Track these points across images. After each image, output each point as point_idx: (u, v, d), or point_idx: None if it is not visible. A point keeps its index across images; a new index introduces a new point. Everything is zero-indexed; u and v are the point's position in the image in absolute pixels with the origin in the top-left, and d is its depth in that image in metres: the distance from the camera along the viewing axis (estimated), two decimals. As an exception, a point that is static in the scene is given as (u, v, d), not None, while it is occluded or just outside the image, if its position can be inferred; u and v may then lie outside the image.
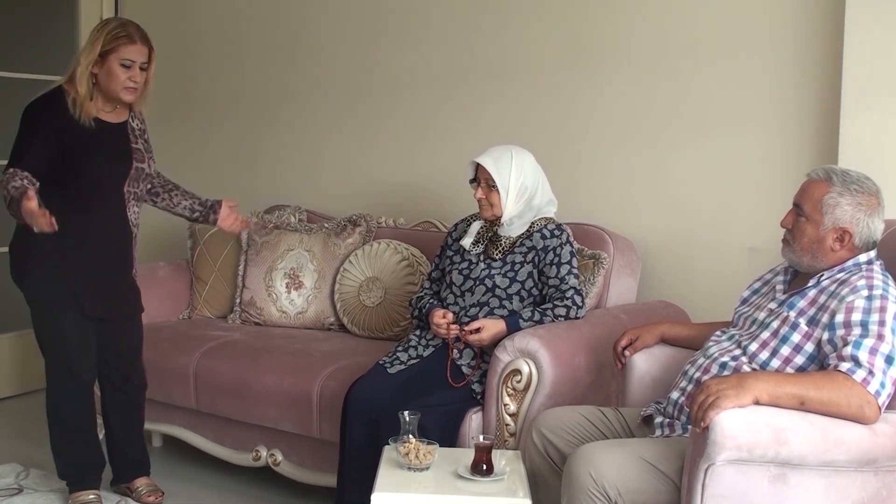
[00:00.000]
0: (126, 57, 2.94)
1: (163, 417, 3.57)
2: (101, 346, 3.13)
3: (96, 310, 3.04)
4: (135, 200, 3.10)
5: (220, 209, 3.27)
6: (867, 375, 2.00)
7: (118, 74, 2.95)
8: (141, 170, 3.08)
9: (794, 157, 3.20)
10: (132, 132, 3.10)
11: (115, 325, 3.13)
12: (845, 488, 2.00)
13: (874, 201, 2.22)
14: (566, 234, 3.00)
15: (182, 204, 3.27)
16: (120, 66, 2.94)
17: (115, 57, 2.94)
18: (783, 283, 2.36)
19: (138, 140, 3.11)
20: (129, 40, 2.94)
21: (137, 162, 3.07)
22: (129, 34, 2.95)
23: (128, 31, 2.96)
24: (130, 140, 3.08)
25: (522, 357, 2.74)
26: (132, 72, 2.96)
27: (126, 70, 2.95)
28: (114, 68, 2.94)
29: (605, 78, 3.57)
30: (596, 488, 2.07)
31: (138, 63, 2.97)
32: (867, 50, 2.96)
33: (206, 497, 3.39)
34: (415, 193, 4.05)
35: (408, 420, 2.46)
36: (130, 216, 3.08)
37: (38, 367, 3.09)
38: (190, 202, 3.28)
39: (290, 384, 3.19)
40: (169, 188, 3.28)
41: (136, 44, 2.95)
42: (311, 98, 4.35)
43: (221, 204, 3.28)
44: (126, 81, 2.96)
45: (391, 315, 3.62)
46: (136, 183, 3.08)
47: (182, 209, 3.28)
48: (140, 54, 2.97)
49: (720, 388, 1.95)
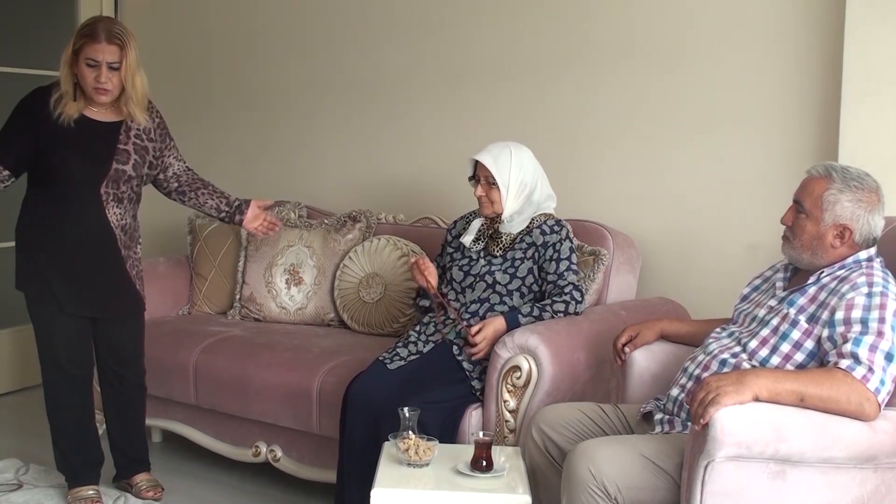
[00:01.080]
0: (90, 56, 2.84)
1: (162, 413, 3.57)
2: (98, 344, 3.14)
3: (78, 308, 3.01)
4: (115, 202, 2.99)
5: (248, 210, 3.20)
6: (867, 372, 2.00)
7: (86, 75, 2.86)
8: (122, 171, 2.97)
9: (795, 153, 3.20)
10: (125, 132, 3.00)
11: (110, 323, 3.12)
12: (844, 485, 2.01)
13: (874, 198, 2.22)
14: (566, 230, 3.00)
15: (209, 203, 3.20)
16: (86, 66, 2.85)
17: (82, 56, 2.85)
18: (783, 280, 2.36)
19: (130, 141, 3.01)
20: (93, 39, 2.83)
21: (118, 164, 2.96)
22: (92, 33, 2.84)
23: (93, 29, 2.85)
24: (119, 140, 2.99)
25: (522, 353, 2.74)
26: (98, 71, 2.85)
27: (92, 69, 2.85)
28: (82, 68, 2.86)
29: (605, 74, 3.57)
30: (595, 485, 2.07)
31: (104, 62, 2.85)
32: (868, 46, 2.96)
33: (206, 492, 3.39)
34: (415, 189, 4.05)
35: (407, 416, 2.46)
36: (111, 217, 2.98)
37: (37, 363, 3.11)
38: (216, 201, 3.20)
39: (290, 380, 3.19)
40: (196, 186, 3.20)
41: (99, 42, 2.83)
42: (311, 95, 4.35)
43: (250, 204, 3.21)
44: (93, 82, 2.86)
45: (391, 311, 3.62)
46: (117, 184, 2.97)
47: (209, 208, 3.21)
48: (105, 53, 2.84)
49: (720, 384, 1.95)
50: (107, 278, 3.05)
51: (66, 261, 2.97)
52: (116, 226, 3.01)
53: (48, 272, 2.96)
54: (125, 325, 3.16)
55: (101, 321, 3.10)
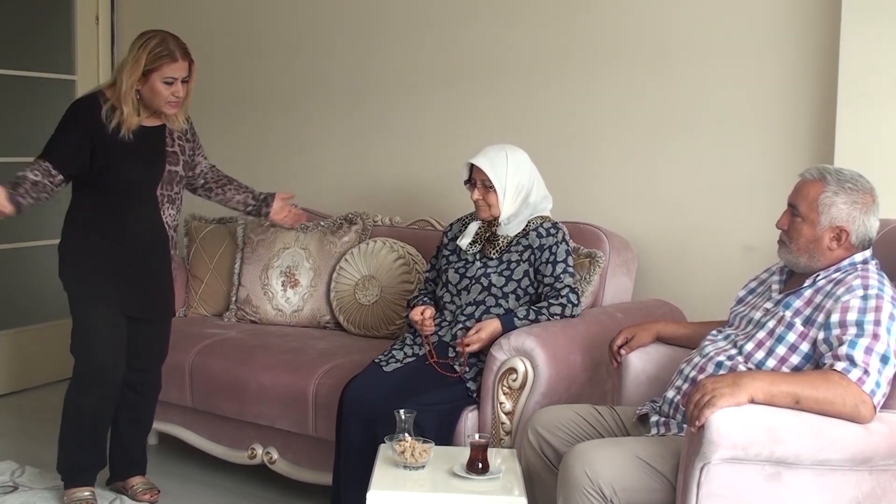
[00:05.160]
0: (169, 75, 2.96)
1: (158, 415, 3.55)
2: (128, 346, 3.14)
3: (131, 307, 3.07)
4: (169, 203, 3.11)
5: (273, 202, 3.29)
6: (862, 375, 2.01)
7: (161, 92, 2.97)
8: (174, 173, 3.10)
9: (791, 155, 3.21)
10: (170, 135, 3.11)
11: (145, 325, 3.14)
12: (840, 487, 2.01)
13: (869, 199, 2.22)
14: (562, 233, 3.00)
15: (235, 198, 3.30)
16: (163, 84, 2.96)
17: (157, 75, 2.95)
18: (779, 283, 2.37)
19: (175, 143, 3.12)
20: (172, 59, 2.96)
21: (171, 165, 3.09)
22: (170, 52, 2.96)
23: (169, 48, 2.96)
24: (167, 144, 3.10)
25: (518, 355, 2.74)
26: (175, 87, 2.98)
27: (169, 87, 2.97)
28: (157, 86, 2.96)
29: (602, 76, 3.58)
30: (591, 487, 2.07)
31: (180, 78, 2.98)
32: (863, 49, 2.96)
33: (202, 495, 3.38)
34: (411, 192, 4.05)
35: (403, 418, 2.46)
36: (165, 218, 3.10)
37: (35, 365, 3.10)
38: (243, 196, 3.31)
39: (286, 382, 3.18)
40: (222, 183, 3.31)
41: (178, 62, 2.96)
42: (307, 97, 4.35)
43: (275, 197, 3.30)
44: (169, 97, 2.98)
45: (387, 313, 3.62)
46: (170, 186, 3.10)
47: (236, 203, 3.31)
48: (182, 70, 2.98)
49: (716, 386, 1.95)
50: (157, 279, 3.16)
51: (120, 262, 3.03)
52: (170, 226, 3.13)
53: (99, 272, 3.02)
54: (157, 328, 3.21)
55: (139, 322, 3.12)
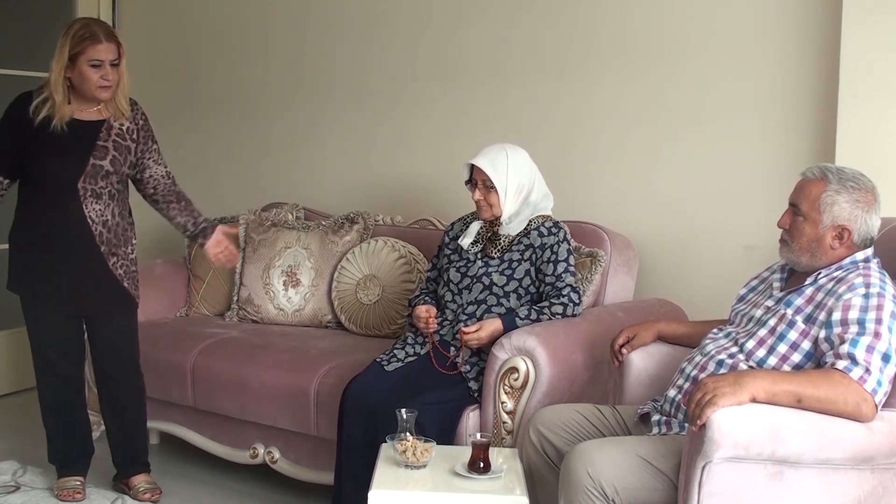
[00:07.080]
0: (94, 57, 2.93)
1: (160, 415, 3.57)
2: (91, 345, 3.20)
3: (61, 305, 3.06)
4: (93, 197, 3.02)
5: (213, 235, 3.24)
6: (864, 373, 2.00)
7: (90, 76, 2.95)
8: (99, 167, 3.01)
9: (792, 154, 3.20)
10: (106, 130, 3.06)
11: (98, 323, 3.15)
12: (842, 486, 2.01)
13: (870, 197, 2.22)
14: (563, 232, 3.00)
15: (177, 219, 3.25)
16: (90, 67, 2.94)
17: (83, 59, 2.93)
18: (780, 281, 2.36)
19: (111, 138, 3.05)
20: (95, 40, 2.93)
21: (96, 160, 3.01)
22: (93, 34, 2.93)
23: (92, 30, 2.94)
24: (99, 138, 3.04)
25: (520, 355, 2.74)
26: (103, 70, 2.95)
27: (97, 70, 2.94)
28: (85, 70, 2.94)
29: (602, 75, 3.57)
30: (593, 486, 2.07)
31: (108, 61, 2.95)
32: (864, 47, 2.96)
33: (204, 495, 3.38)
34: (412, 191, 4.05)
35: (405, 418, 2.46)
36: (89, 212, 3.02)
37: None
38: (184, 220, 3.24)
39: (288, 382, 3.18)
40: (169, 199, 3.23)
41: (102, 42, 2.93)
42: (308, 96, 4.34)
43: (216, 229, 3.25)
44: (99, 81, 2.96)
45: (388, 313, 3.62)
46: (94, 180, 3.01)
47: (176, 224, 3.27)
48: (109, 52, 2.94)
49: (717, 385, 1.95)
50: (88, 275, 3.08)
51: (49, 258, 3.03)
52: (96, 222, 3.04)
53: (35, 271, 3.05)
54: (114, 325, 3.18)
55: (92, 321, 3.15)
